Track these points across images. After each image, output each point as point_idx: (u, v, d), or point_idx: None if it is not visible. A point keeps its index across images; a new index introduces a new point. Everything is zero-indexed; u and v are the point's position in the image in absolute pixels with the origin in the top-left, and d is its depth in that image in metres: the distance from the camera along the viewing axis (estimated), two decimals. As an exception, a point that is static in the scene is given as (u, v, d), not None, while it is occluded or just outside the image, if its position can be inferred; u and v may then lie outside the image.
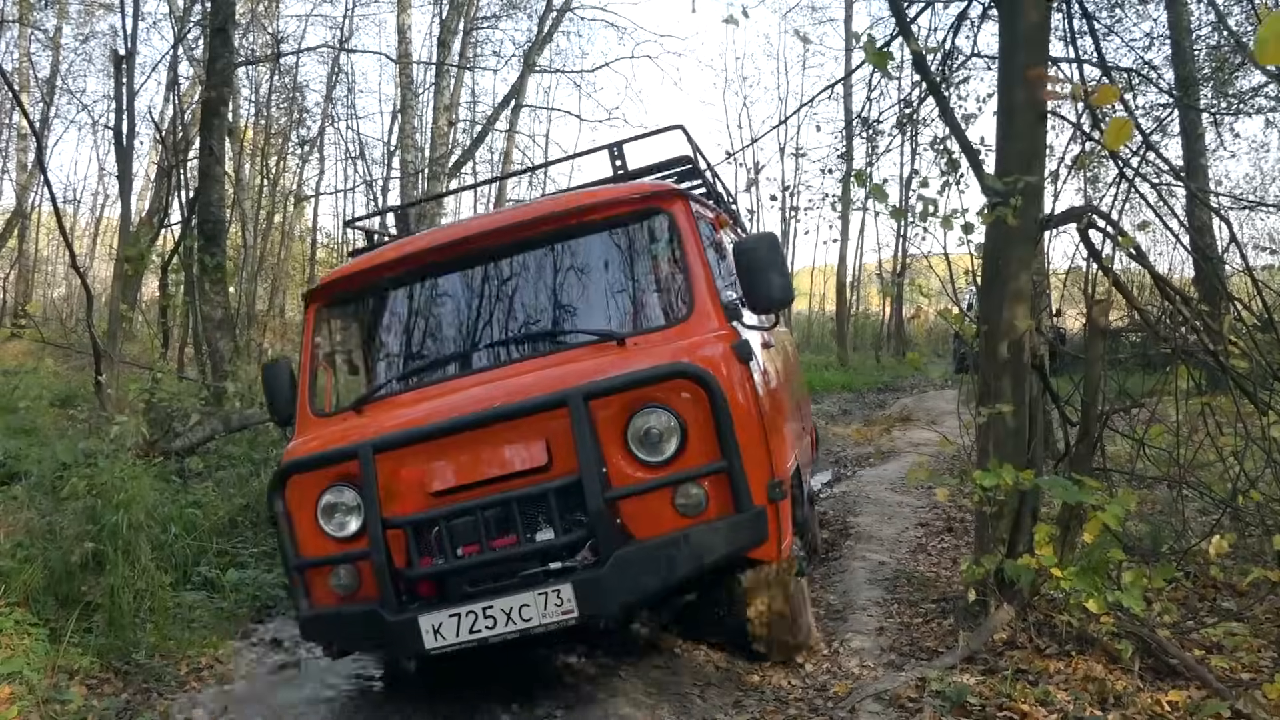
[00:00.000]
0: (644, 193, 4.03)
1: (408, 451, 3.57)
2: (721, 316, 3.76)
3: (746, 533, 3.40)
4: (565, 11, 18.79)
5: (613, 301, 4.00)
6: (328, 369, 4.46)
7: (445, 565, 3.50)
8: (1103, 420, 4.72)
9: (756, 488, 3.40)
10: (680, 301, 3.87)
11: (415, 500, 3.58)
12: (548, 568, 3.43)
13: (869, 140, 9.86)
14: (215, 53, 10.15)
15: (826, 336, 31.91)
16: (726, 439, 3.33)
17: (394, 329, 4.41)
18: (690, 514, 3.41)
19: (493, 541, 3.46)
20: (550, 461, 3.46)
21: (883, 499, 7.92)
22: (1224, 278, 5.97)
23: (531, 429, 3.47)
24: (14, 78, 18.49)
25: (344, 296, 4.44)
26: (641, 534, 3.42)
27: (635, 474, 3.44)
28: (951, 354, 21.65)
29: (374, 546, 3.51)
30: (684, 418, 3.41)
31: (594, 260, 4.02)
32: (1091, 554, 3.84)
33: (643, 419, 3.44)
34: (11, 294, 21.30)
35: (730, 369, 3.51)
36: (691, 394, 3.40)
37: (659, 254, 3.97)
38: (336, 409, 4.25)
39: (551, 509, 3.42)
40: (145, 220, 16.43)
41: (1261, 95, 11.04)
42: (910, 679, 3.79)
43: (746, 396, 3.54)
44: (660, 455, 3.43)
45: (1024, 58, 4.54)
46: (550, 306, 4.04)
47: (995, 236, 4.48)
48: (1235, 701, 3.31)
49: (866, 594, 5.16)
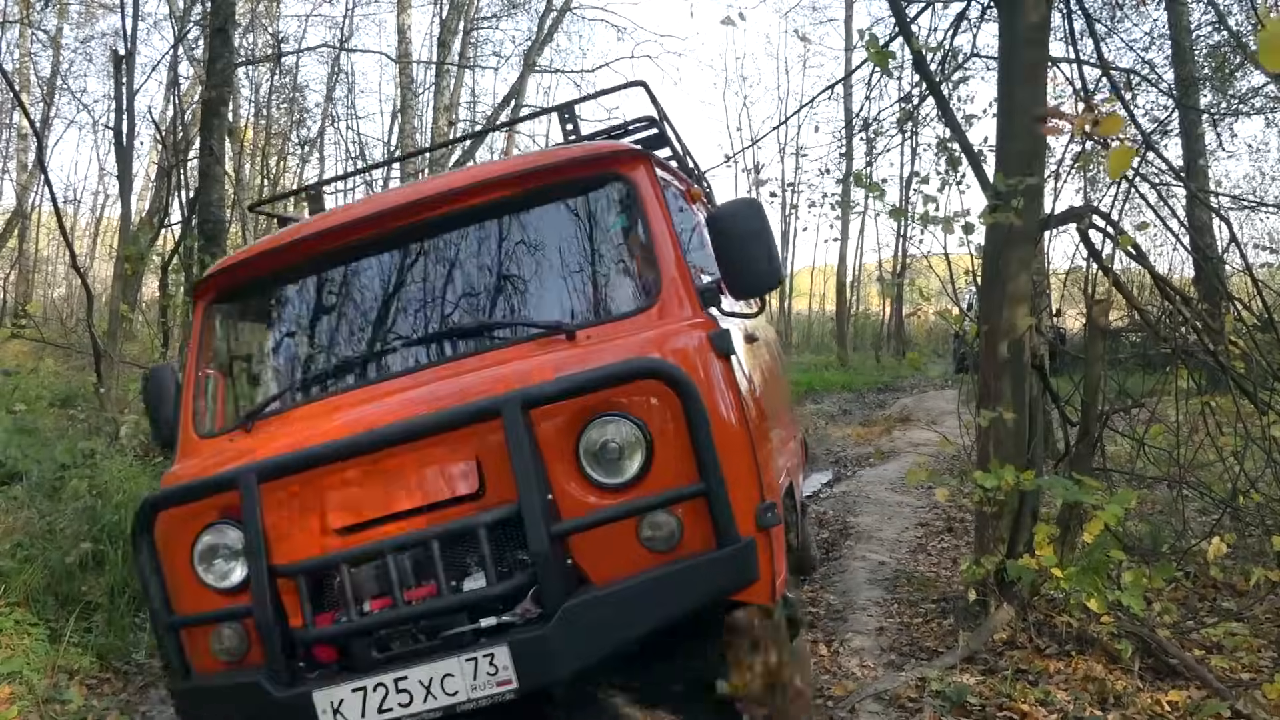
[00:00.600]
0: (598, 154, 3.30)
1: (302, 478, 2.83)
2: (695, 302, 3.03)
3: (732, 571, 2.67)
4: (565, 11, 18.83)
5: (562, 286, 3.26)
6: (221, 377, 3.65)
7: (348, 624, 2.73)
8: (1103, 420, 4.72)
9: (743, 514, 2.69)
10: (644, 285, 3.13)
11: (313, 541, 2.83)
12: (478, 625, 2.68)
13: (869, 140, 9.88)
14: (215, 53, 10.16)
15: (826, 336, 31.94)
16: (704, 454, 2.61)
17: (297, 326, 3.63)
18: (660, 549, 2.68)
19: (408, 592, 2.72)
20: (482, 488, 2.74)
21: (883, 499, 7.93)
22: (1224, 278, 5.98)
23: (458, 447, 2.75)
24: (14, 78, 18.49)
25: (239, 288, 3.62)
26: (599, 577, 2.69)
27: (590, 500, 2.71)
28: (951, 354, 21.65)
29: (257, 600, 2.76)
30: (650, 428, 2.70)
31: (539, 236, 3.30)
32: (1092, 554, 3.85)
33: (598, 431, 2.71)
34: (11, 294, 21.29)
35: (708, 365, 2.83)
36: (659, 397, 2.70)
37: (618, 228, 3.25)
38: (227, 427, 3.43)
39: (482, 548, 2.67)
40: (145, 220, 16.45)
41: (1261, 95, 11.05)
42: (910, 679, 3.80)
43: (729, 399, 2.84)
44: (621, 476, 2.71)
45: (1024, 58, 4.54)
46: (486, 294, 3.30)
47: (995, 237, 4.48)
48: (1235, 701, 3.31)
49: (866, 594, 5.16)
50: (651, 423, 2.71)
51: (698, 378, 2.73)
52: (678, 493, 2.66)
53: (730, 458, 2.70)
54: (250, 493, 2.77)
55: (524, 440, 2.62)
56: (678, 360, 2.76)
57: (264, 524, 2.80)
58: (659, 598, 2.64)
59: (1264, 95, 11.48)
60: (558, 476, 2.71)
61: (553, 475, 2.70)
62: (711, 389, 2.79)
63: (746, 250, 3.00)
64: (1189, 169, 11.11)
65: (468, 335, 3.23)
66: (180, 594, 2.98)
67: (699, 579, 2.66)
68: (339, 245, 3.41)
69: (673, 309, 3.01)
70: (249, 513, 2.78)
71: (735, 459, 2.75)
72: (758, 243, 2.99)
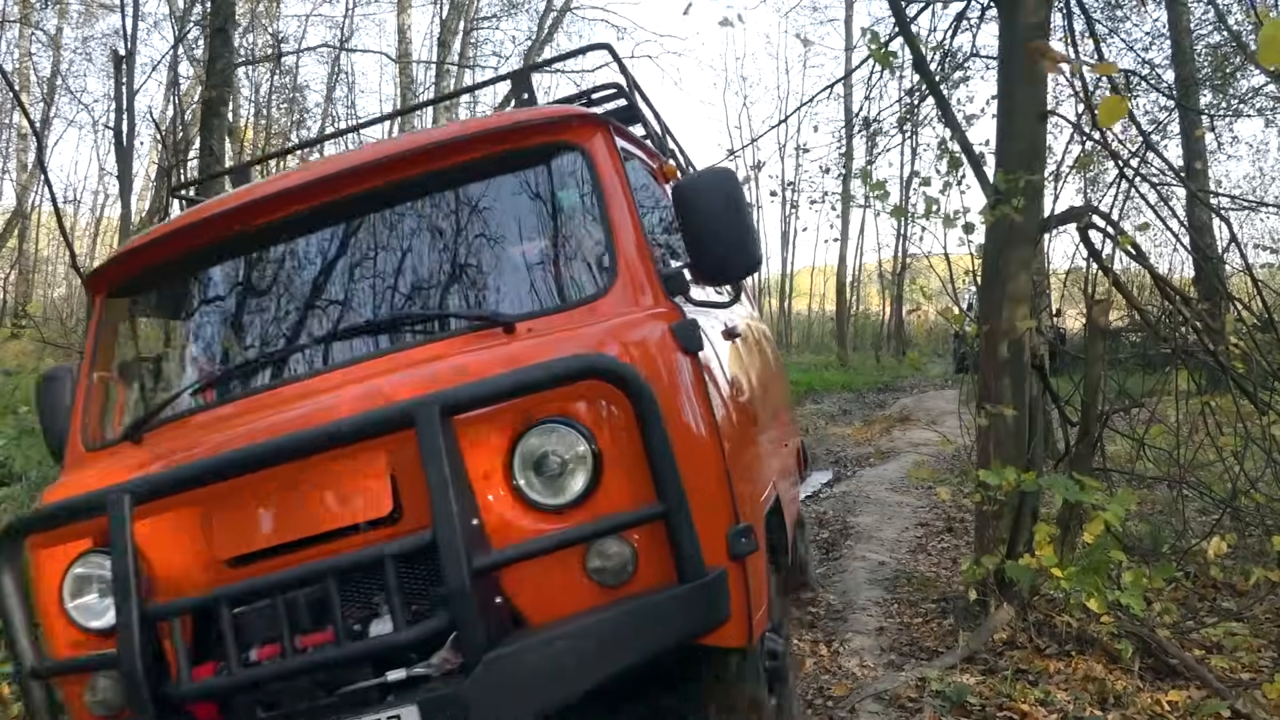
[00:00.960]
0: (547, 119, 2.83)
1: (184, 500, 2.38)
2: (658, 289, 2.59)
3: (697, 609, 2.22)
4: (565, 11, 18.84)
5: (502, 272, 2.80)
6: (120, 380, 3.21)
7: (228, 677, 2.23)
8: (1103, 420, 4.72)
9: (712, 540, 2.26)
10: (598, 270, 2.67)
11: (198, 575, 2.40)
12: (384, 679, 2.20)
13: (869, 139, 9.89)
14: (215, 53, 10.16)
15: (826, 336, 31.96)
16: (663, 468, 2.17)
17: (201, 320, 3.17)
18: (611, 583, 2.24)
19: (302, 638, 2.23)
20: (398, 511, 2.29)
21: (883, 499, 7.93)
22: (1224, 278, 5.98)
23: (369, 462, 2.30)
24: (14, 78, 18.51)
25: (138, 279, 3.15)
26: (538, 617, 2.25)
27: (526, 525, 2.26)
28: (951, 354, 21.67)
29: (122, 646, 2.26)
30: (599, 438, 2.27)
31: (477, 214, 2.85)
32: (1092, 554, 3.85)
33: (535, 441, 2.27)
34: (11, 294, 21.31)
35: (670, 362, 2.39)
36: (610, 401, 2.28)
37: (569, 204, 2.79)
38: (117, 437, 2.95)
39: (389, 585, 2.16)
40: (145, 220, 16.45)
41: (1261, 95, 11.06)
42: (910, 679, 3.80)
43: (695, 403, 2.40)
44: (563, 495, 2.27)
45: (1024, 58, 4.54)
46: (415, 281, 2.84)
47: (995, 236, 4.49)
48: (1235, 701, 3.31)
49: (866, 594, 5.16)
50: (600, 431, 2.28)
51: (656, 377, 2.32)
52: (632, 515, 2.23)
53: (697, 473, 2.28)
54: (119, 517, 2.29)
55: (441, 452, 2.15)
56: (633, 356, 2.34)
57: (142, 554, 2.36)
58: (608, 642, 2.18)
59: (1264, 95, 11.50)
60: (488, 496, 2.27)
61: (481, 495, 2.26)
62: (674, 391, 2.37)
63: (718, 227, 2.56)
64: (1189, 169, 11.12)
65: (390, 329, 2.76)
66: (52, 635, 2.55)
67: (657, 619, 2.20)
68: (247, 228, 2.94)
69: (630, 297, 2.57)
70: (117, 541, 2.29)
71: (703, 474, 2.32)
72: (731, 218, 2.56)
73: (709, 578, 2.20)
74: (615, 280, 2.60)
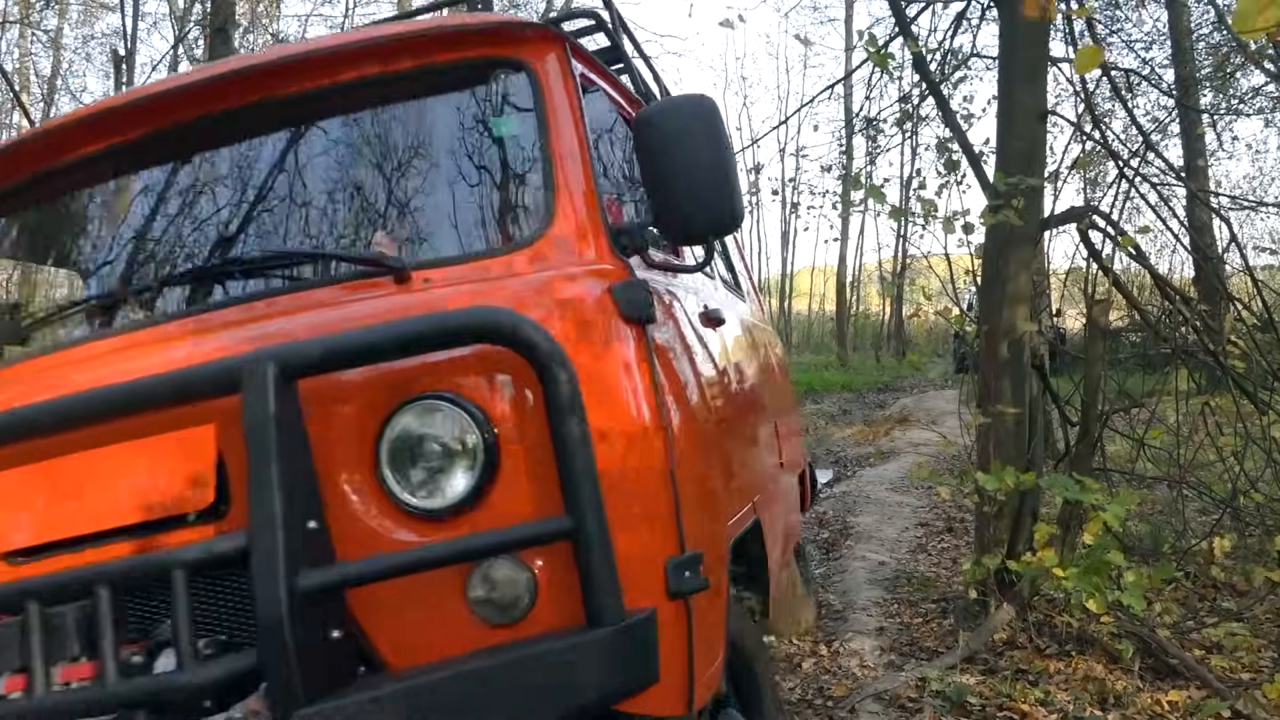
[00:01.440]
0: (489, 25, 2.26)
1: None
2: (604, 242, 2.05)
3: (612, 664, 1.62)
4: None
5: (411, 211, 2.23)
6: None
7: None
8: (1103, 420, 4.73)
9: (642, 570, 1.70)
10: (532, 215, 2.12)
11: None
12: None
13: (869, 139, 9.90)
14: (215, 53, 10.16)
15: (826, 336, 31.98)
16: (575, 469, 1.59)
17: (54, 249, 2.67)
18: (498, 620, 1.66)
19: (64, 669, 1.64)
20: (224, 502, 1.73)
21: (883, 499, 7.94)
22: (1224, 278, 5.98)
23: (194, 440, 1.73)
24: (14, 78, 18.52)
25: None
26: (400, 660, 1.69)
27: (390, 533, 1.69)
28: (951, 354, 21.67)
29: None
30: (496, 424, 1.69)
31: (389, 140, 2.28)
32: (1093, 554, 3.85)
33: (410, 422, 1.69)
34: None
35: (604, 329, 1.82)
36: (517, 376, 1.69)
37: (506, 134, 2.22)
38: None
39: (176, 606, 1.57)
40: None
41: (1261, 95, 11.07)
42: (910, 679, 3.80)
43: (636, 386, 1.81)
44: (441, 497, 1.68)
45: (1024, 58, 4.54)
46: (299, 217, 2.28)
47: (995, 237, 4.49)
48: (1235, 701, 3.31)
49: (866, 594, 5.16)
50: (498, 415, 1.69)
51: (581, 347, 1.76)
52: (529, 529, 1.63)
53: (627, 479, 1.74)
54: None
55: (269, 425, 1.56)
56: (554, 318, 1.77)
57: None
58: (485, 700, 1.56)
59: (1264, 95, 11.51)
60: (343, 492, 1.70)
61: (332, 490, 1.69)
62: (604, 367, 1.79)
63: (687, 167, 1.96)
64: (1189, 169, 11.13)
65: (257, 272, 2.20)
66: None
67: (556, 674, 1.58)
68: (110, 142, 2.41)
69: (568, 248, 2.03)
70: None
71: (635, 482, 1.76)
72: (705, 157, 1.96)
73: (630, 621, 1.61)
74: (549, 227, 2.05)
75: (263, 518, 1.55)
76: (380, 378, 1.71)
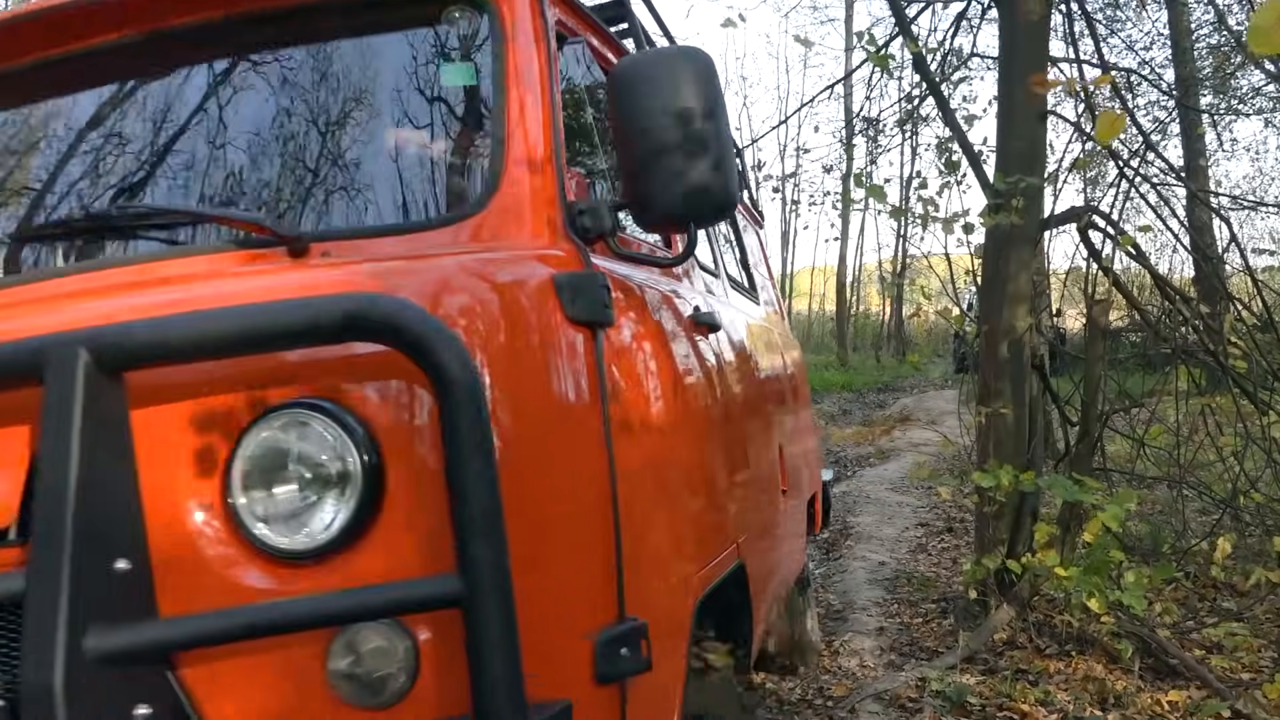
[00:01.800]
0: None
1: None
2: (556, 221, 1.68)
3: None
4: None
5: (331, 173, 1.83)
6: None
7: None
8: (1103, 420, 4.73)
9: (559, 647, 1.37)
10: (476, 182, 1.77)
11: None
12: None
13: (870, 139, 9.91)
14: None
15: (826, 336, 31.97)
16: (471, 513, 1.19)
17: None
18: (367, 702, 1.24)
19: None
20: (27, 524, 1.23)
21: (883, 499, 7.94)
22: (1224, 278, 5.99)
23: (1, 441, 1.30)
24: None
25: None
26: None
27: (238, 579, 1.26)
28: (951, 354, 21.67)
29: None
30: (383, 443, 1.28)
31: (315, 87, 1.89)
32: (1093, 554, 3.85)
33: (272, 437, 1.27)
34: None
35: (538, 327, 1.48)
36: (409, 381, 1.30)
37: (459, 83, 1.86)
38: None
39: None
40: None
41: (1261, 95, 11.08)
42: (910, 679, 3.80)
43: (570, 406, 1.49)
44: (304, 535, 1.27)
45: (1024, 58, 4.55)
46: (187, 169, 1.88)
47: (995, 237, 4.49)
48: (1235, 701, 3.31)
49: (866, 594, 5.16)
50: (385, 431, 1.28)
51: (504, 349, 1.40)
52: (414, 587, 1.23)
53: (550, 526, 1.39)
54: None
55: (72, 427, 1.17)
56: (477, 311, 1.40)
57: None
58: None
59: (1264, 95, 11.51)
60: (182, 522, 1.27)
61: (162, 517, 1.26)
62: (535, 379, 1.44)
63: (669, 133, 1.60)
64: (1189, 169, 11.13)
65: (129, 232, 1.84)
66: None
67: None
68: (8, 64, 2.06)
69: (508, 225, 1.65)
70: None
71: (563, 529, 1.41)
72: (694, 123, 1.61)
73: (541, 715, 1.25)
74: (493, 198, 1.68)
75: (46, 553, 1.14)
76: (242, 376, 1.29)
